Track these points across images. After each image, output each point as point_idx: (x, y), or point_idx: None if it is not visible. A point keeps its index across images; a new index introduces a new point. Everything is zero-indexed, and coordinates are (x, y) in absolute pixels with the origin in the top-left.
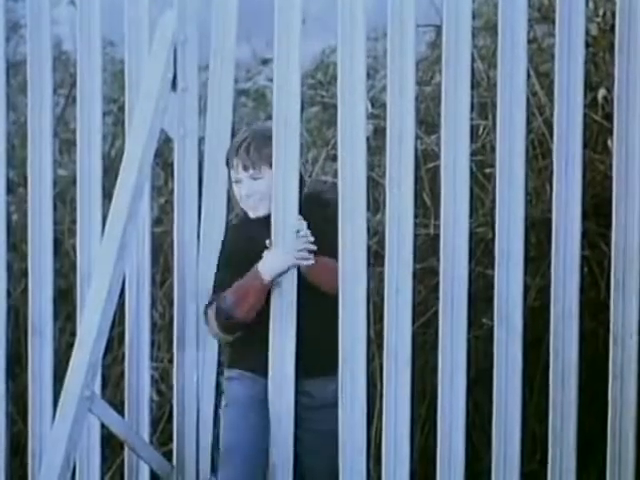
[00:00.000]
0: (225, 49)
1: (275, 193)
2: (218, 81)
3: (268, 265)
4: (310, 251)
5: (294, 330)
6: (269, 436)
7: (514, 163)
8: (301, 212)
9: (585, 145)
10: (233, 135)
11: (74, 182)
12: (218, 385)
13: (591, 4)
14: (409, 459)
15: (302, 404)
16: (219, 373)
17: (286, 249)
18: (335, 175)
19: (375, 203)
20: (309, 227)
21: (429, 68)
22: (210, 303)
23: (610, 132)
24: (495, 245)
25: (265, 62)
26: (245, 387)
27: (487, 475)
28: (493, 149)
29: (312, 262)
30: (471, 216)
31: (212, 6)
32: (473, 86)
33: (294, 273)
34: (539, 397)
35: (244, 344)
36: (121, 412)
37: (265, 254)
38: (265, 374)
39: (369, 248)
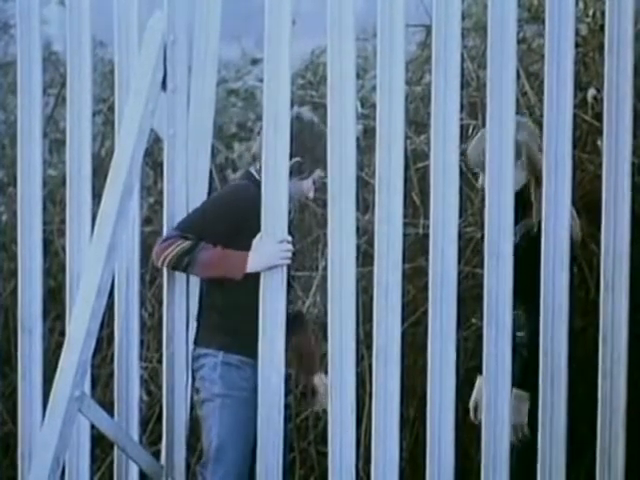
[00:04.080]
0: (208, 48)
1: (265, 191)
2: (201, 80)
3: (255, 260)
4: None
5: (284, 316)
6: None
7: (504, 163)
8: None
9: (575, 145)
10: (216, 134)
11: (64, 182)
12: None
13: (581, 4)
14: (398, 459)
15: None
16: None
17: (273, 250)
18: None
19: (364, 203)
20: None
21: (419, 68)
22: (183, 237)
23: (600, 132)
24: (484, 245)
25: (255, 62)
26: (244, 376)
27: (477, 474)
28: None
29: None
30: (460, 216)
31: (196, 6)
32: (463, 86)
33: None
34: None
35: (245, 329)
36: (111, 412)
37: (254, 246)
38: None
39: (358, 248)
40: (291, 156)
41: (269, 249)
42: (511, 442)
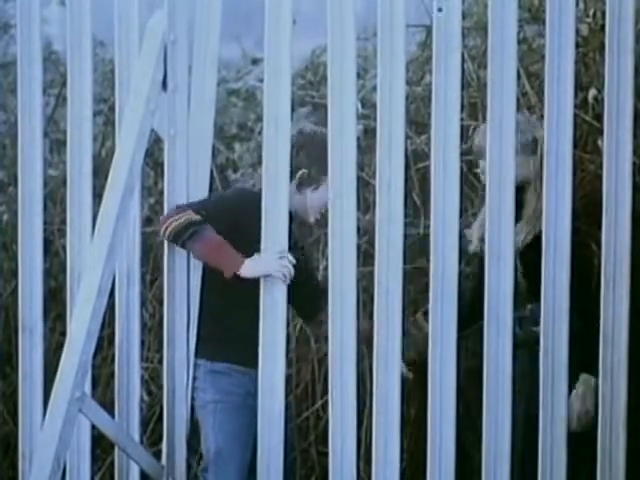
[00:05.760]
0: (209, 48)
1: (265, 196)
2: (202, 80)
3: (250, 266)
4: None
5: (284, 325)
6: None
7: (504, 163)
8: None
9: (575, 145)
10: (216, 134)
11: (64, 182)
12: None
13: (581, 4)
14: (399, 459)
15: None
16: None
17: (272, 260)
18: None
19: (365, 203)
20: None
21: (419, 68)
22: (194, 211)
23: (600, 132)
24: (485, 244)
25: (255, 62)
26: (235, 382)
27: (477, 475)
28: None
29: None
30: (461, 216)
31: (196, 6)
32: (463, 86)
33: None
34: None
35: (230, 336)
36: (111, 412)
37: (254, 256)
38: (253, 365)
39: (359, 248)
40: (297, 169)
41: (267, 259)
42: (574, 431)
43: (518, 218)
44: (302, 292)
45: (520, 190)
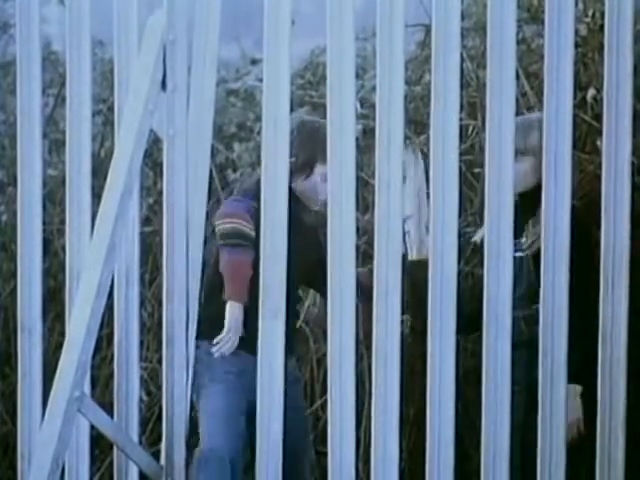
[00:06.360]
0: (208, 48)
1: (264, 195)
2: (201, 80)
3: (232, 315)
4: None
5: (284, 314)
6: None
7: (503, 163)
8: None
9: (574, 145)
10: (215, 134)
11: (63, 182)
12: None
13: (580, 4)
14: (398, 459)
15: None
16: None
17: (236, 333)
18: None
19: (364, 202)
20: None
21: (418, 68)
22: (249, 217)
23: (599, 132)
24: (484, 244)
25: (254, 62)
26: (230, 362)
27: (477, 475)
28: (482, 149)
29: None
30: (460, 216)
31: (195, 5)
32: (462, 86)
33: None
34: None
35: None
36: (110, 412)
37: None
38: (249, 351)
39: (358, 248)
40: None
41: (236, 328)
42: (568, 441)
43: (531, 216)
44: (317, 271)
45: (538, 190)
